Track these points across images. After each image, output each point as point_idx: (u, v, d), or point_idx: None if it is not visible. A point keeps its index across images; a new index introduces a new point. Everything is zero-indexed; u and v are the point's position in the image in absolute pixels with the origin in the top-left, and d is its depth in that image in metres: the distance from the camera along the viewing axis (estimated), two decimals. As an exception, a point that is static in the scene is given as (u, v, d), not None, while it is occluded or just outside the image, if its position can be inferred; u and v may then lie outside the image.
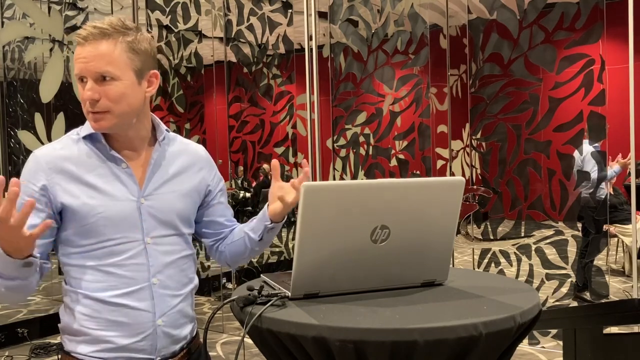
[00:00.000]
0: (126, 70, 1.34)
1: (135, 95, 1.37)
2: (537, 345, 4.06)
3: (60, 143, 1.41)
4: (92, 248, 1.37)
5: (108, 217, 1.36)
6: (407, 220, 1.31)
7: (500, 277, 1.69)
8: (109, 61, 1.32)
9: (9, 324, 4.61)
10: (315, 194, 1.23)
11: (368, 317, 1.17)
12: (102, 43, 1.32)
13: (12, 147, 5.42)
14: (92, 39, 1.32)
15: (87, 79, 1.33)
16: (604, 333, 2.09)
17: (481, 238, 4.51)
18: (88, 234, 1.36)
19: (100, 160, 1.39)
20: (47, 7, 4.69)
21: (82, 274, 1.37)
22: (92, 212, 1.35)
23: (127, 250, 1.38)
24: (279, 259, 5.74)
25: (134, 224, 1.38)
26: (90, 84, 1.32)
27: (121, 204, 1.37)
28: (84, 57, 1.32)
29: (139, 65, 1.36)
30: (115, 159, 1.40)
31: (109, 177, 1.38)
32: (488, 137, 4.34)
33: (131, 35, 1.36)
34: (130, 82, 1.35)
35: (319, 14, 4.83)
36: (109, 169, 1.39)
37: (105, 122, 1.34)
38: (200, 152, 1.56)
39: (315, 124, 4.88)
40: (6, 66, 5.44)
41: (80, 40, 1.33)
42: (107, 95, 1.32)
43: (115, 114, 1.34)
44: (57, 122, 4.20)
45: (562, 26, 3.88)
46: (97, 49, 1.32)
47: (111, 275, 1.36)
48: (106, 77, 1.32)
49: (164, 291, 1.41)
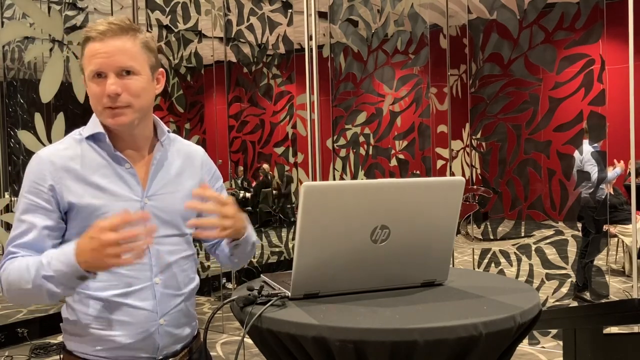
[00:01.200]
0: (144, 66, 1.37)
1: (151, 92, 1.40)
2: (537, 345, 4.06)
3: (64, 144, 1.41)
4: None
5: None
6: (407, 220, 1.31)
7: (500, 277, 1.69)
8: (131, 56, 1.34)
9: (9, 324, 4.61)
10: (315, 194, 1.23)
11: (368, 317, 1.17)
12: (123, 38, 1.33)
13: (12, 147, 5.42)
14: (111, 34, 1.32)
15: (105, 74, 1.33)
16: (604, 333, 2.09)
17: (481, 238, 4.51)
18: None
19: (104, 161, 1.39)
20: (47, 7, 4.69)
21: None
22: (97, 212, 1.35)
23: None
24: (279, 259, 5.74)
25: (137, 224, 1.38)
26: (112, 79, 1.32)
27: (125, 204, 1.37)
28: (105, 52, 1.32)
29: (153, 63, 1.40)
30: (118, 159, 1.40)
31: (113, 178, 1.38)
32: (488, 137, 4.34)
33: (143, 33, 1.38)
34: (148, 78, 1.38)
35: (319, 14, 4.83)
36: (113, 169, 1.39)
37: (125, 118, 1.35)
38: (200, 153, 1.56)
39: (315, 124, 4.88)
40: (6, 66, 5.44)
41: (98, 35, 1.32)
42: (129, 90, 1.33)
43: (135, 109, 1.35)
44: (57, 122, 4.20)
45: (562, 26, 3.88)
46: (122, 44, 1.33)
47: (114, 274, 1.36)
48: (130, 71, 1.33)
49: (166, 291, 1.42)
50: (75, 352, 1.40)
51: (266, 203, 6.45)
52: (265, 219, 6.29)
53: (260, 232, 5.94)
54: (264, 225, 6.18)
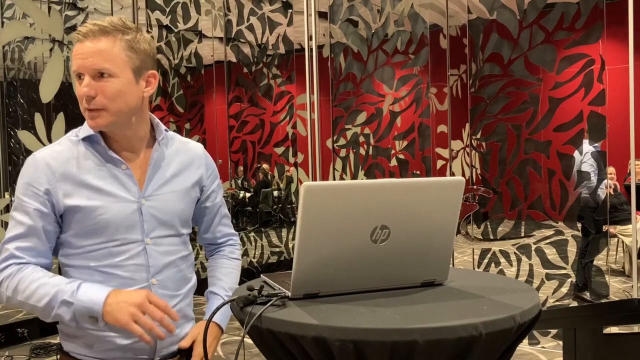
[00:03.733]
0: (124, 68, 1.33)
1: (132, 94, 1.35)
2: (537, 345, 4.06)
3: (60, 145, 1.40)
4: (92, 249, 1.37)
5: (109, 218, 1.36)
6: (407, 220, 1.31)
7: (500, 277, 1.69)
8: (106, 58, 1.31)
9: (9, 324, 4.61)
10: (315, 194, 1.23)
11: (368, 317, 1.17)
12: (102, 40, 1.31)
13: (12, 147, 5.43)
14: (91, 35, 1.31)
15: (84, 75, 1.31)
16: (604, 333, 2.09)
17: (481, 238, 4.51)
18: (89, 235, 1.36)
19: (100, 162, 1.38)
20: (47, 7, 4.69)
21: (82, 275, 1.37)
22: (93, 214, 1.35)
23: (126, 251, 1.38)
24: (279, 259, 5.74)
25: (134, 225, 1.38)
26: (87, 80, 1.31)
27: (122, 205, 1.37)
28: (82, 54, 1.31)
29: (137, 64, 1.35)
30: (114, 161, 1.39)
31: (109, 179, 1.38)
32: (488, 137, 4.34)
33: (131, 34, 1.35)
34: (128, 80, 1.34)
35: (319, 14, 4.83)
36: (109, 170, 1.38)
37: (101, 120, 1.33)
38: (198, 151, 1.55)
39: (315, 124, 4.88)
40: (6, 66, 5.44)
41: (80, 37, 1.32)
42: (104, 92, 1.31)
43: (111, 112, 1.33)
44: (57, 122, 4.20)
45: (562, 26, 3.88)
46: (95, 46, 1.31)
47: (111, 275, 1.36)
48: (104, 73, 1.31)
49: (163, 291, 1.41)
50: (72, 353, 1.40)
51: (266, 203, 6.45)
52: (265, 219, 6.29)
53: (260, 232, 5.94)
54: (264, 225, 6.18)
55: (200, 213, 1.57)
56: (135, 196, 1.39)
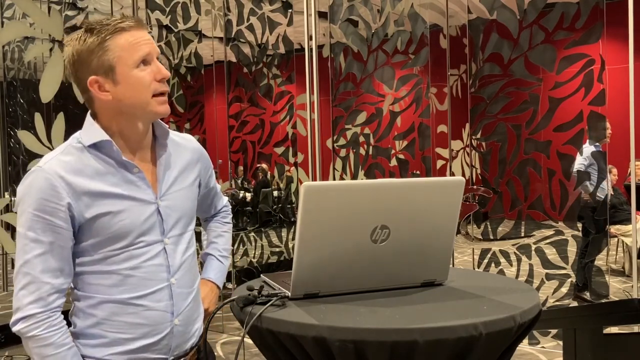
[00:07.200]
0: None
1: None
2: (537, 345, 4.05)
3: (67, 155, 1.34)
4: (112, 254, 1.34)
5: (130, 223, 1.34)
6: (407, 220, 1.31)
7: (500, 277, 1.69)
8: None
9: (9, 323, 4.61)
10: (315, 194, 1.23)
11: (368, 317, 1.17)
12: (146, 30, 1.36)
13: (12, 147, 5.43)
14: (142, 25, 1.35)
15: (150, 60, 1.34)
16: (604, 333, 2.09)
17: (481, 238, 4.51)
18: (109, 242, 1.33)
19: (112, 169, 1.35)
20: (47, 7, 4.68)
21: (100, 279, 1.34)
22: (114, 221, 1.32)
23: (146, 252, 1.36)
24: (279, 259, 5.74)
25: (154, 226, 1.38)
26: (159, 64, 1.34)
27: (141, 209, 1.36)
28: (147, 39, 1.34)
29: None
30: (126, 165, 1.36)
31: (124, 185, 1.35)
32: (488, 137, 4.34)
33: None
34: None
35: (319, 14, 4.83)
36: (122, 175, 1.36)
37: (168, 105, 1.39)
38: (194, 144, 1.56)
39: (315, 124, 4.88)
40: (6, 66, 5.44)
41: (132, 24, 1.33)
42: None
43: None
44: (57, 122, 4.19)
45: (562, 26, 3.87)
46: (149, 34, 1.35)
47: (131, 277, 1.35)
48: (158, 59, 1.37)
49: (180, 290, 1.41)
50: (88, 357, 1.36)
51: (266, 203, 6.44)
52: (265, 219, 6.29)
53: (260, 232, 5.94)
54: (264, 225, 6.18)
55: (199, 199, 1.59)
56: (151, 198, 1.39)
